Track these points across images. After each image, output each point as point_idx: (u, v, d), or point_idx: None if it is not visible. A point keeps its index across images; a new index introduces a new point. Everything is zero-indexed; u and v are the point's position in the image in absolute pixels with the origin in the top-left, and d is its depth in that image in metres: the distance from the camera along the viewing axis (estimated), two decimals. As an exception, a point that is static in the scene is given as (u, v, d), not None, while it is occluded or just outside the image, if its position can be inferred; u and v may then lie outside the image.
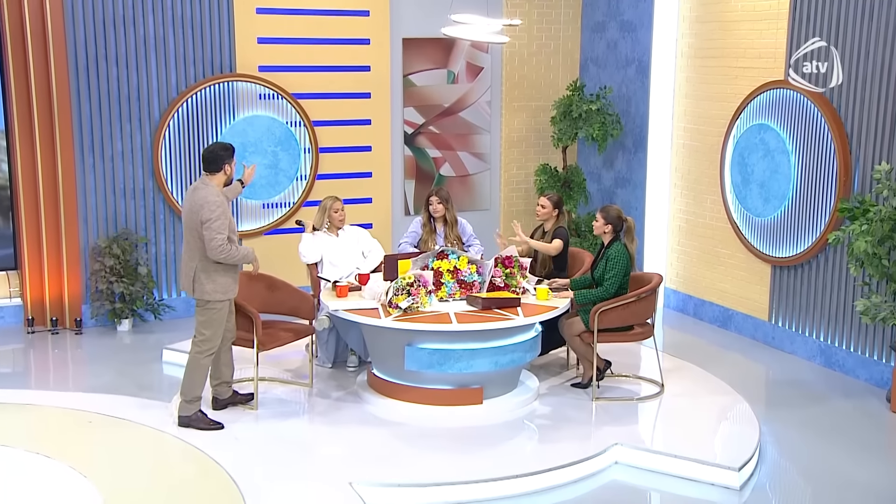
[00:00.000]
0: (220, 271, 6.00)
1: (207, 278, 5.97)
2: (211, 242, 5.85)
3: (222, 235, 5.87)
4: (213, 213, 5.85)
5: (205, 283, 5.98)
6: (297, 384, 6.94)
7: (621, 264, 6.62)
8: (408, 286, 6.23)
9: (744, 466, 5.62)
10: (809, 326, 7.83)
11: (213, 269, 5.98)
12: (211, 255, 5.89)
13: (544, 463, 5.66)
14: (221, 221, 5.87)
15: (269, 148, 9.02)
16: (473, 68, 9.93)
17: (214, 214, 5.85)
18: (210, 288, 5.98)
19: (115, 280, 8.32)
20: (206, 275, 5.97)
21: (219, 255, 5.87)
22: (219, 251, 5.86)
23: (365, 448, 5.88)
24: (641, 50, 9.41)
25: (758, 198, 8.19)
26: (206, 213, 5.85)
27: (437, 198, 7.51)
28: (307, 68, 9.11)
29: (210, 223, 5.84)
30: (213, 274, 5.98)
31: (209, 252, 5.88)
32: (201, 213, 5.87)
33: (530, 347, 6.52)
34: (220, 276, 6.00)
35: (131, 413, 6.34)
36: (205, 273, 5.97)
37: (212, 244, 5.85)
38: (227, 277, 6.04)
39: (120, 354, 7.88)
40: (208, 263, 5.96)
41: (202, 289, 5.99)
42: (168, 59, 8.54)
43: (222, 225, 5.87)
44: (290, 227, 9.06)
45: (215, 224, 5.84)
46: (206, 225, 5.85)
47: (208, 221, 5.84)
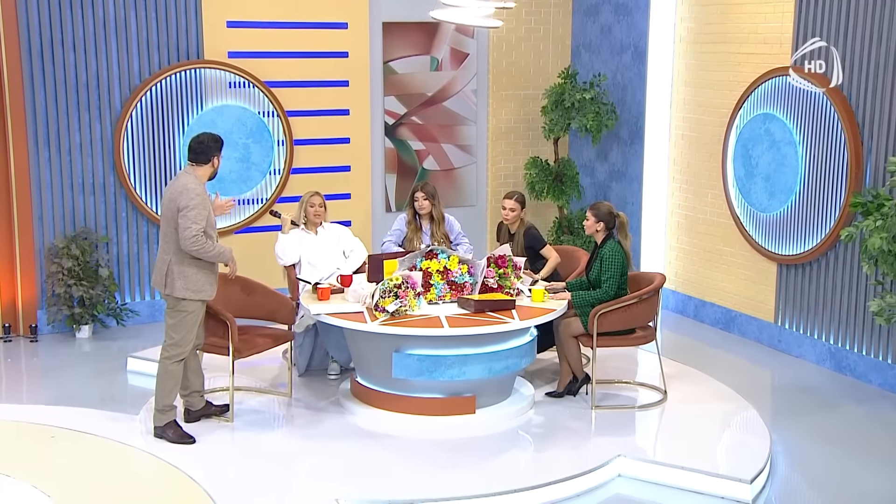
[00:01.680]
0: (194, 267, 5.94)
1: (180, 274, 5.92)
2: (185, 232, 5.81)
3: (198, 226, 5.82)
4: (192, 200, 5.82)
5: (176, 280, 5.92)
6: (274, 394, 6.88)
7: (617, 263, 6.62)
8: (395, 288, 6.19)
9: (755, 478, 5.62)
10: (818, 328, 7.86)
11: (188, 265, 5.93)
12: (183, 245, 5.84)
13: (543, 476, 5.64)
14: (199, 212, 5.83)
15: (240, 140, 8.95)
16: (458, 54, 9.90)
17: (193, 203, 5.82)
18: (181, 285, 5.92)
19: (73, 283, 8.24)
20: (180, 270, 5.92)
21: (191, 247, 5.82)
22: (191, 242, 5.80)
23: (350, 462, 5.83)
24: (637, 35, 9.42)
25: (763, 192, 8.22)
26: (184, 201, 5.83)
27: (422, 193, 7.47)
28: (280, 54, 9.05)
29: (186, 211, 5.81)
30: (186, 270, 5.92)
31: (182, 242, 5.84)
32: (179, 200, 5.85)
33: (526, 352, 6.50)
34: (194, 272, 5.94)
35: (96, 427, 6.26)
36: (178, 268, 5.92)
37: (185, 234, 5.80)
38: (203, 276, 5.97)
39: (80, 363, 7.79)
40: (183, 258, 5.91)
41: (173, 285, 5.93)
42: (130, 43, 8.45)
43: (199, 215, 5.83)
44: (264, 224, 9.01)
45: (191, 213, 5.81)
46: (182, 213, 5.82)
47: (185, 209, 5.82)
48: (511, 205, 7.23)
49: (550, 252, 7.23)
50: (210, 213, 5.96)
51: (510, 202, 7.23)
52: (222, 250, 6.01)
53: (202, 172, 6.01)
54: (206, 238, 5.89)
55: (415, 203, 7.50)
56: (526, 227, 7.25)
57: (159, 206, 8.63)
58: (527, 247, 7.22)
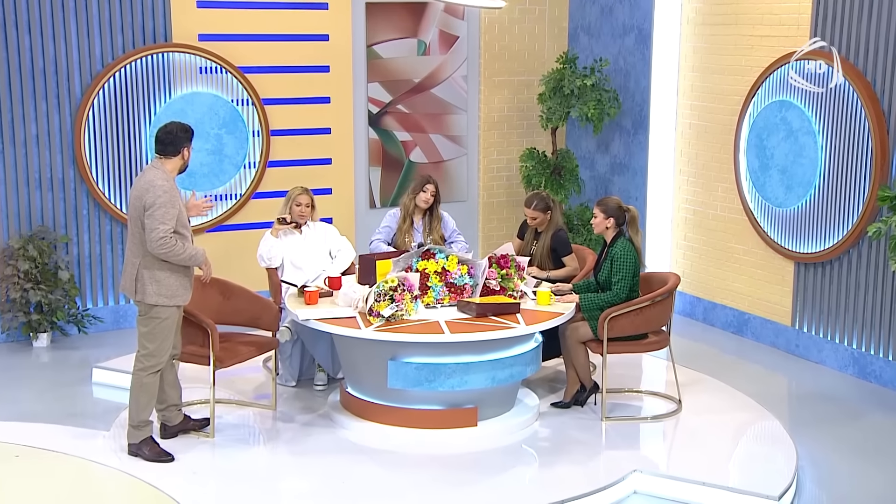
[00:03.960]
0: (166, 271, 5.87)
1: (151, 278, 5.85)
2: (151, 233, 5.73)
3: (166, 226, 5.74)
4: (159, 198, 5.73)
5: (147, 285, 5.85)
6: (257, 406, 6.84)
7: (629, 263, 6.62)
8: (390, 291, 6.16)
9: (783, 495, 5.63)
10: (840, 332, 7.90)
11: (159, 268, 5.85)
12: (150, 247, 5.76)
13: (553, 494, 5.62)
14: (167, 210, 5.75)
15: (213, 131, 8.89)
16: (447, 37, 9.88)
17: (160, 200, 5.73)
18: (153, 290, 5.85)
19: (30, 287, 8.16)
20: (150, 274, 5.85)
21: (159, 250, 5.74)
22: (159, 244, 5.73)
23: (341, 480, 5.79)
24: (641, 16, 9.43)
25: (779, 185, 8.25)
26: (150, 198, 5.74)
27: (433, 186, 7.48)
28: (256, 37, 9.00)
29: (153, 210, 5.73)
30: (157, 273, 5.85)
31: (149, 245, 5.76)
32: (145, 198, 5.76)
33: (531, 360, 6.50)
34: (166, 276, 5.87)
35: (64, 444, 6.20)
36: (148, 272, 5.85)
37: (152, 235, 5.73)
38: (176, 280, 5.91)
39: (39, 375, 7.72)
40: (153, 261, 5.84)
41: (144, 291, 5.86)
42: (91, 25, 8.38)
43: (167, 214, 5.75)
44: (238, 222, 8.98)
45: (158, 212, 5.73)
46: (149, 212, 5.74)
47: (151, 208, 5.73)
48: (531, 213, 7.24)
49: (573, 261, 7.28)
50: (181, 210, 5.89)
51: (529, 211, 7.24)
52: (194, 252, 5.92)
53: (171, 166, 5.93)
54: (178, 239, 5.81)
55: (418, 195, 7.46)
56: (556, 229, 7.27)
57: (124, 202, 8.58)
58: (552, 248, 7.23)
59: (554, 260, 7.27)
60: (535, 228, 7.35)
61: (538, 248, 7.27)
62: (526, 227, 7.45)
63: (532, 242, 7.36)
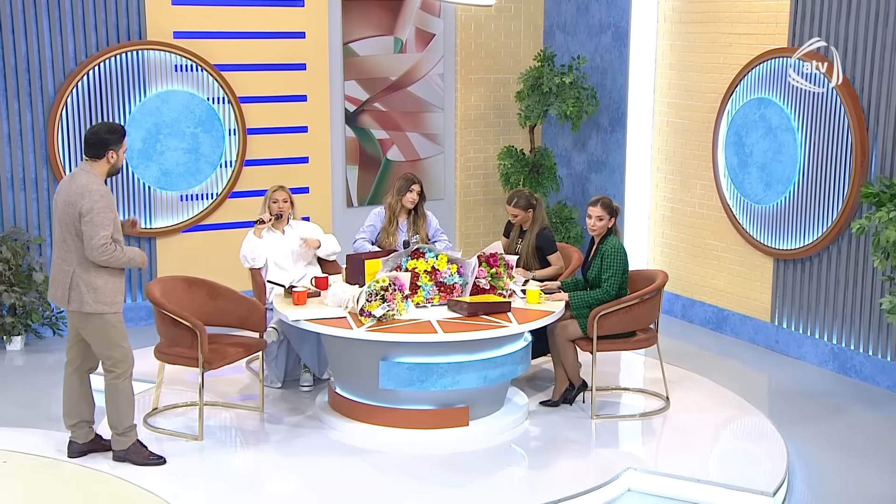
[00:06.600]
0: (103, 277, 5.69)
1: (88, 287, 5.67)
2: (91, 241, 5.57)
3: (106, 232, 5.59)
4: (96, 203, 5.57)
5: (84, 294, 5.67)
6: (244, 408, 6.77)
7: (619, 261, 6.63)
8: (382, 290, 6.11)
9: (777, 491, 5.66)
10: (819, 327, 7.97)
11: (95, 275, 5.67)
12: (91, 255, 5.59)
13: (548, 494, 5.60)
14: (105, 215, 5.60)
15: (188, 129, 8.80)
16: (423, 35, 9.84)
17: (98, 206, 5.57)
18: (91, 299, 5.67)
19: (3, 289, 8.05)
20: (87, 282, 5.67)
21: (100, 257, 5.59)
22: (101, 251, 5.58)
23: (331, 482, 5.76)
24: (618, 13, 9.45)
25: (758, 182, 8.31)
26: (88, 204, 5.57)
27: (418, 185, 7.44)
28: (231, 34, 8.94)
29: (91, 216, 5.56)
30: (95, 281, 5.67)
31: (89, 252, 5.59)
32: (81, 204, 5.58)
33: (522, 358, 6.49)
34: (103, 283, 5.69)
35: (50, 449, 6.08)
36: (84, 280, 5.67)
37: (92, 242, 5.57)
38: (112, 285, 5.72)
39: (15, 379, 7.59)
40: (88, 267, 5.66)
41: (81, 300, 5.67)
42: (64, 22, 8.28)
43: (106, 219, 5.60)
44: (214, 222, 8.89)
45: (97, 217, 5.57)
46: (87, 218, 5.57)
47: (89, 214, 5.56)
48: (512, 211, 7.24)
49: (558, 260, 7.27)
50: (116, 215, 5.74)
51: (510, 208, 7.24)
52: (133, 255, 5.77)
53: (100, 169, 5.71)
54: (114, 244, 5.67)
55: (404, 194, 7.41)
56: (541, 228, 7.26)
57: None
58: (537, 247, 7.22)
59: (539, 258, 7.26)
60: (521, 226, 7.35)
61: (523, 246, 7.27)
62: (511, 225, 7.44)
63: (517, 241, 7.35)
